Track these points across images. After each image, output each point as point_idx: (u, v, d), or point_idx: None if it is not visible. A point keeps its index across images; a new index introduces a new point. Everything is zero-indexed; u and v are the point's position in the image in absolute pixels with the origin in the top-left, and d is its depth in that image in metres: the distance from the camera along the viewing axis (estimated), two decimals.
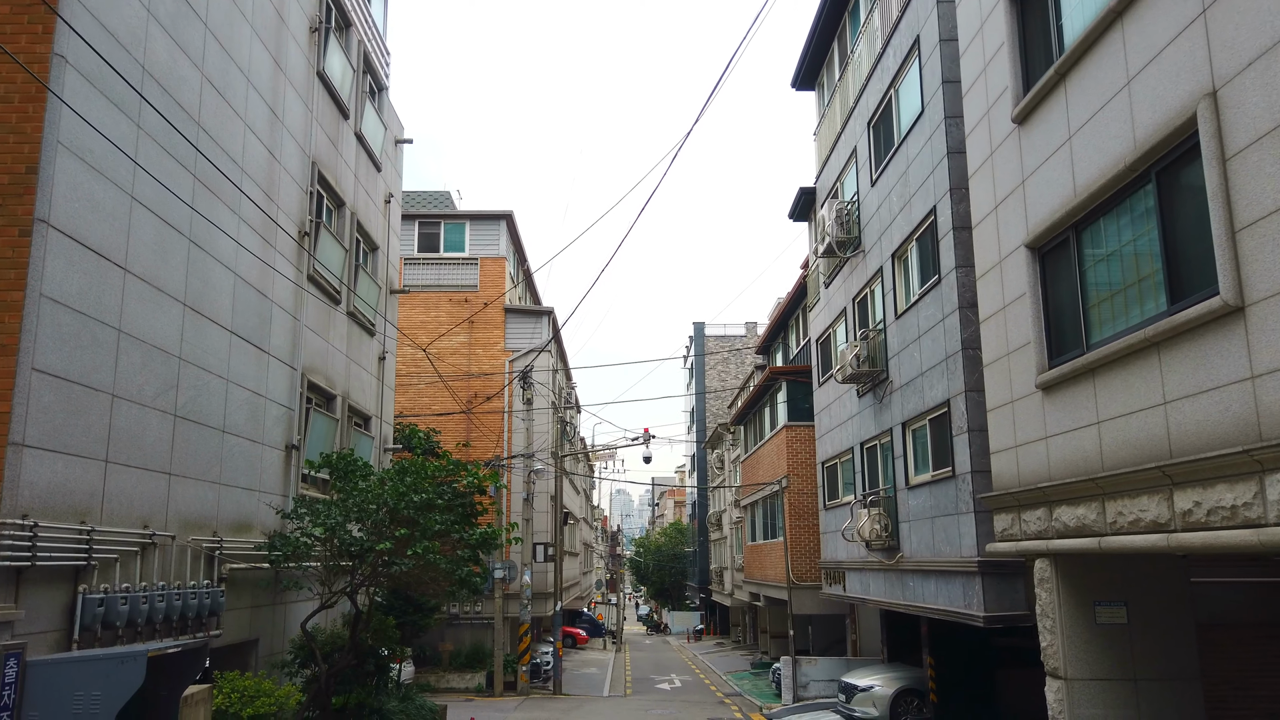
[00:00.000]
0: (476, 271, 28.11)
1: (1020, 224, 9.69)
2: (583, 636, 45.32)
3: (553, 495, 27.31)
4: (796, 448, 24.00)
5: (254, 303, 10.64)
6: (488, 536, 10.17)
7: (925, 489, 14.23)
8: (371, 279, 15.33)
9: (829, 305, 20.67)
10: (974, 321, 12.73)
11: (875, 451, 17.21)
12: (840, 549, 19.71)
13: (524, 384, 25.07)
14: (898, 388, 15.61)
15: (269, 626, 11.00)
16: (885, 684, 17.60)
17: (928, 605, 14.09)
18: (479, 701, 22.50)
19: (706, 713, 21.40)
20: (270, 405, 11.06)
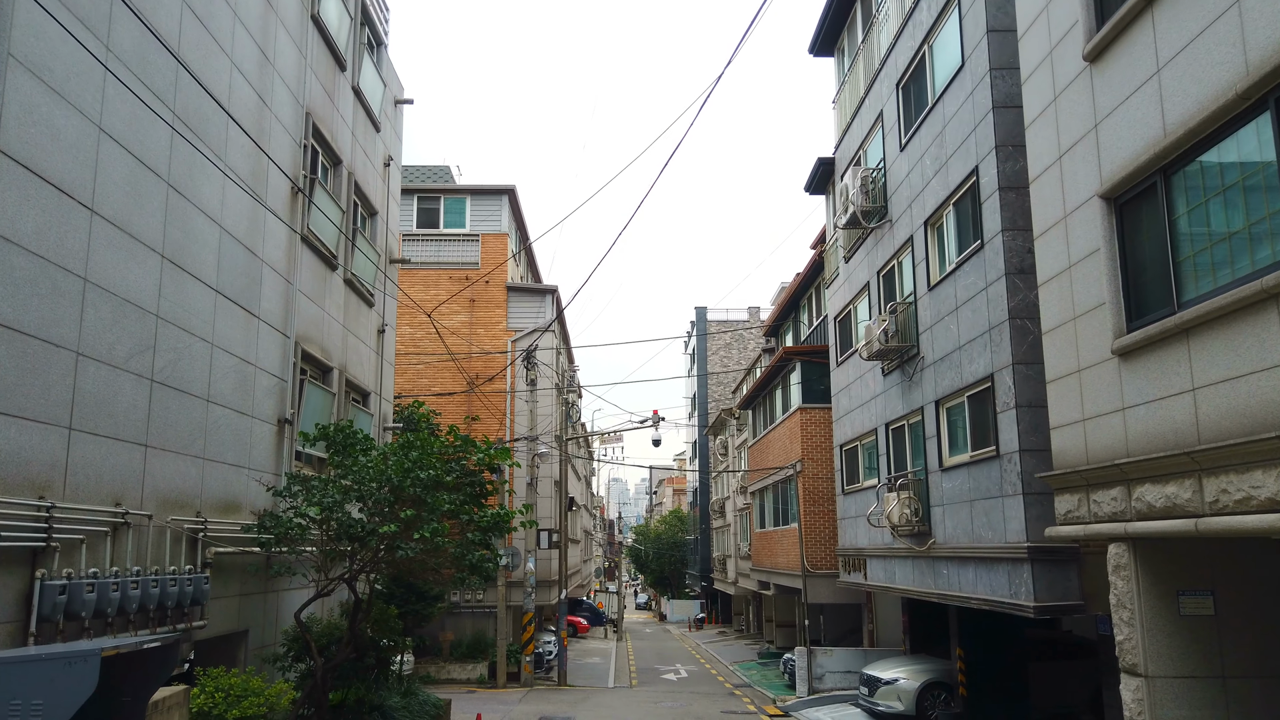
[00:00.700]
0: (478, 248, 27.10)
1: (1091, 173, 8.74)
2: (583, 625, 44.53)
3: (557, 480, 26.39)
4: (811, 431, 23.09)
5: (242, 261, 9.67)
6: (500, 518, 9.24)
7: (963, 471, 13.32)
8: (370, 245, 14.34)
9: (849, 280, 19.71)
10: (1023, 288, 11.81)
11: (903, 432, 16.29)
12: (861, 535, 18.83)
13: (528, 364, 24.11)
14: (930, 364, 14.68)
15: (260, 616, 10.07)
16: (911, 676, 16.75)
17: (965, 595, 13.21)
18: (481, 693, 21.64)
19: (717, 705, 20.56)
20: (260, 375, 10.10)
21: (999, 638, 15.63)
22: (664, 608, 67.43)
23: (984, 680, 15.59)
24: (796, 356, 23.57)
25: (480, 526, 9.27)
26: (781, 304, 29.54)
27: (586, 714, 18.36)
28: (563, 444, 25.19)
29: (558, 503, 26.15)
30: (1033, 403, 11.55)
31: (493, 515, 9.24)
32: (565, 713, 18.50)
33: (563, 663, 24.10)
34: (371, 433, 13.58)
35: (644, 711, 19.05)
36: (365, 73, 14.11)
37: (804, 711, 18.85)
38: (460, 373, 25.70)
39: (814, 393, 23.34)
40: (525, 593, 23.55)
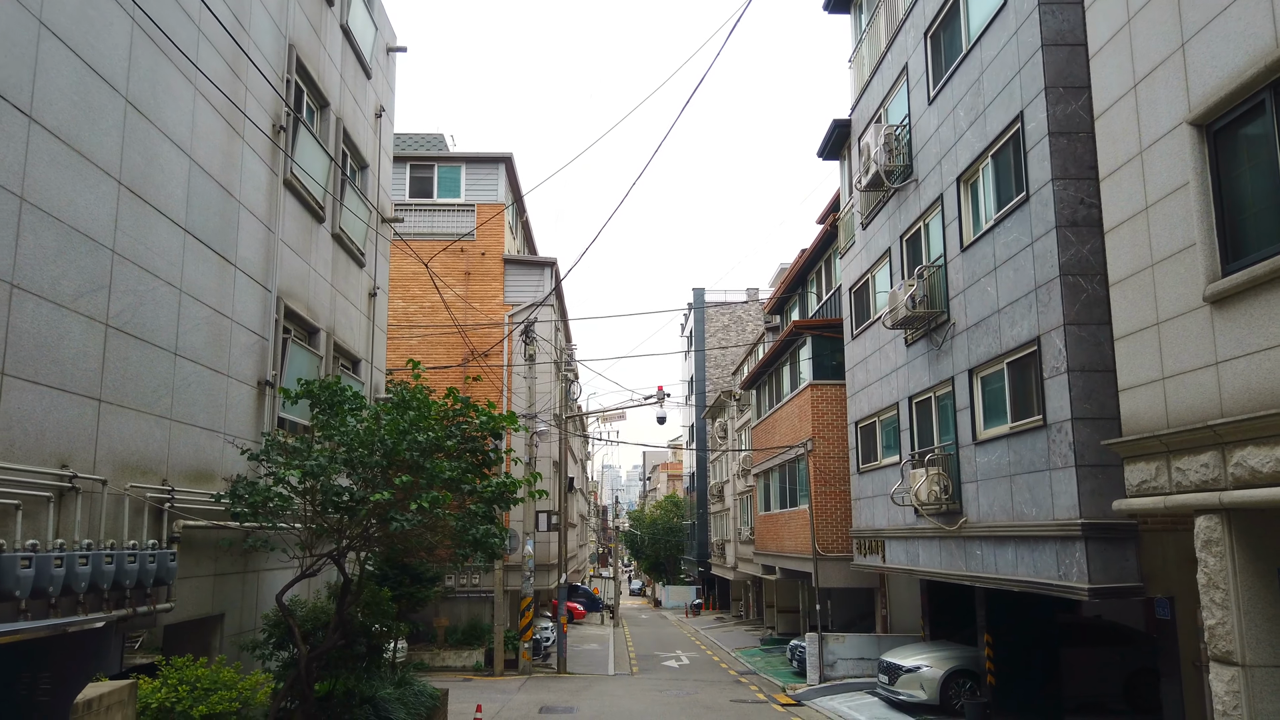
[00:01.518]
0: (473, 219, 25.97)
1: (1177, 98, 7.73)
2: (580, 611, 43.65)
3: (556, 460, 25.39)
4: (822, 408, 22.12)
5: (215, 200, 8.58)
6: (505, 488, 8.22)
7: (1001, 443, 12.36)
8: (361, 200, 13.26)
9: (867, 248, 18.70)
10: (1075, 242, 10.82)
11: (929, 405, 15.32)
12: (879, 516, 17.89)
13: (526, 339, 23.05)
14: (962, 330, 13.69)
15: (238, 598, 9.04)
16: (934, 664, 15.85)
17: (1003, 577, 12.26)
18: (478, 681, 20.69)
19: (725, 693, 19.66)
20: (238, 330, 9.03)
21: (1029, 623, 14.73)
22: (659, 594, 66.69)
23: (1013, 668, 14.69)
24: (807, 331, 22.57)
25: (484, 498, 8.25)
26: (787, 279, 28.54)
27: (589, 704, 17.43)
28: (562, 423, 24.16)
29: (557, 483, 25.15)
30: (1086, 367, 10.58)
31: (498, 484, 8.22)
32: (567, 703, 17.56)
33: (562, 650, 23.17)
34: (366, 415, 12.54)
35: (649, 701, 18.12)
36: (355, 11, 12.99)
37: (817, 701, 17.95)
38: (456, 348, 24.63)
39: (825, 369, 22.37)
40: (523, 577, 22.58)
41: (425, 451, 7.47)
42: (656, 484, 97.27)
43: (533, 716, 15.80)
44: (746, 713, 16.76)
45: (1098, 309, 10.70)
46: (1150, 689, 15.68)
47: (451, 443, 7.92)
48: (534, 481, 8.85)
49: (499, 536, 8.26)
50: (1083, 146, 11.06)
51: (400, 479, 7.19)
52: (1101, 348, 10.61)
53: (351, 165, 13.29)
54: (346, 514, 7.39)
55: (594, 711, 16.43)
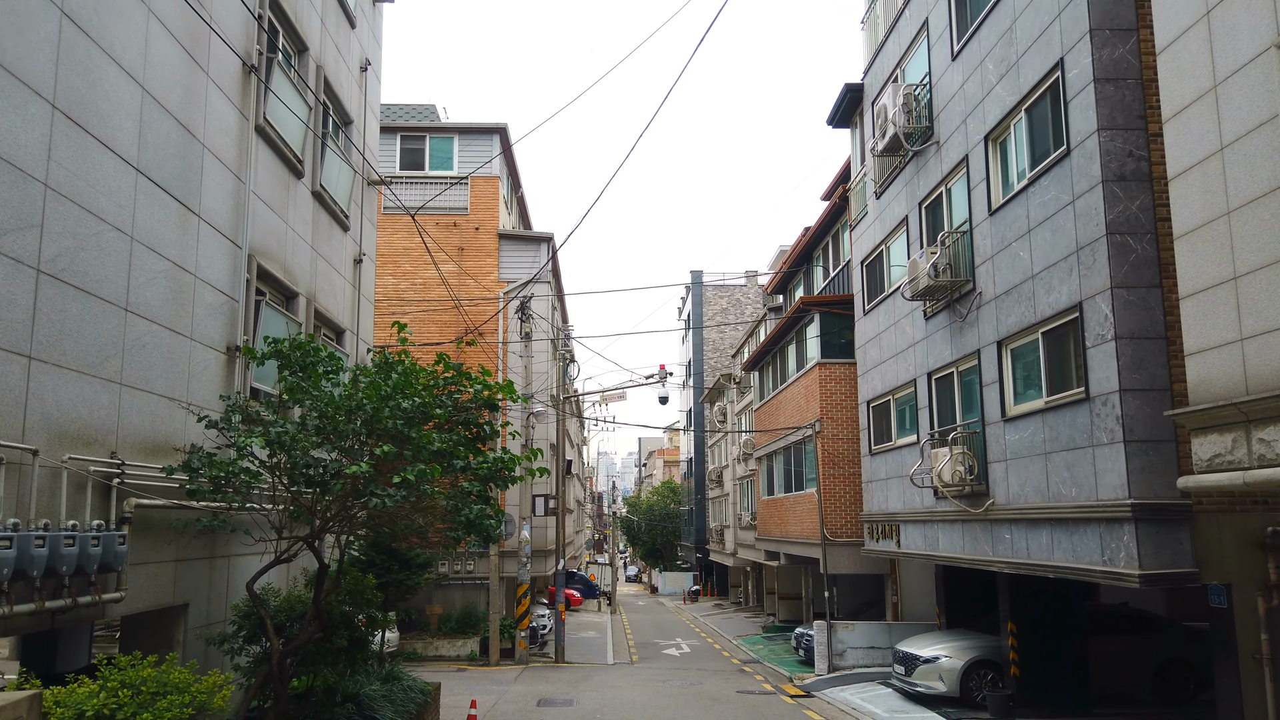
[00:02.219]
0: (466, 193, 24.97)
1: (1263, 20, 6.82)
2: (576, 598, 42.90)
3: (553, 443, 24.51)
4: (831, 388, 21.25)
5: (174, 139, 7.63)
6: (502, 464, 7.32)
7: (1035, 420, 11.49)
8: (344, 159, 12.29)
9: (882, 218, 17.78)
10: (1123, 198, 9.91)
11: (951, 381, 14.45)
12: (893, 498, 17.05)
13: (522, 316, 22.11)
14: (990, 300, 12.80)
15: (204, 587, 8.14)
16: (954, 654, 15.03)
17: (1036, 563, 11.42)
18: (473, 672, 19.85)
19: (730, 683, 18.86)
20: (202, 288, 8.10)
21: (1055, 611, 13.93)
22: (655, 580, 66.05)
23: (1038, 658, 13.89)
24: (815, 307, 21.67)
25: (478, 475, 7.34)
26: (791, 256, 27.60)
27: (590, 696, 16.60)
28: (560, 404, 23.26)
29: (554, 466, 24.27)
30: (1136, 333, 9.70)
31: (494, 460, 7.31)
32: (566, 694, 16.72)
33: (560, 638, 22.35)
34: (346, 378, 11.60)
35: (652, 692, 17.30)
36: None
37: (828, 692, 17.15)
38: (450, 325, 23.69)
39: (834, 347, 21.48)
40: (520, 563, 21.72)
41: (411, 420, 6.56)
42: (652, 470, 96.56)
43: (530, 710, 14.96)
44: (755, 705, 15.95)
45: (1148, 271, 9.82)
46: (1181, 680, 14.92)
47: (441, 412, 7.00)
48: (533, 458, 7.94)
49: (494, 518, 7.36)
50: (1131, 94, 10.15)
51: (382, 449, 6.27)
52: (1152, 312, 9.73)
53: (334, 119, 12.32)
54: (319, 490, 6.46)
55: (595, 704, 15.61)
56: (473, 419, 7.65)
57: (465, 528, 7.02)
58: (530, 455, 7.88)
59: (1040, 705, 13.83)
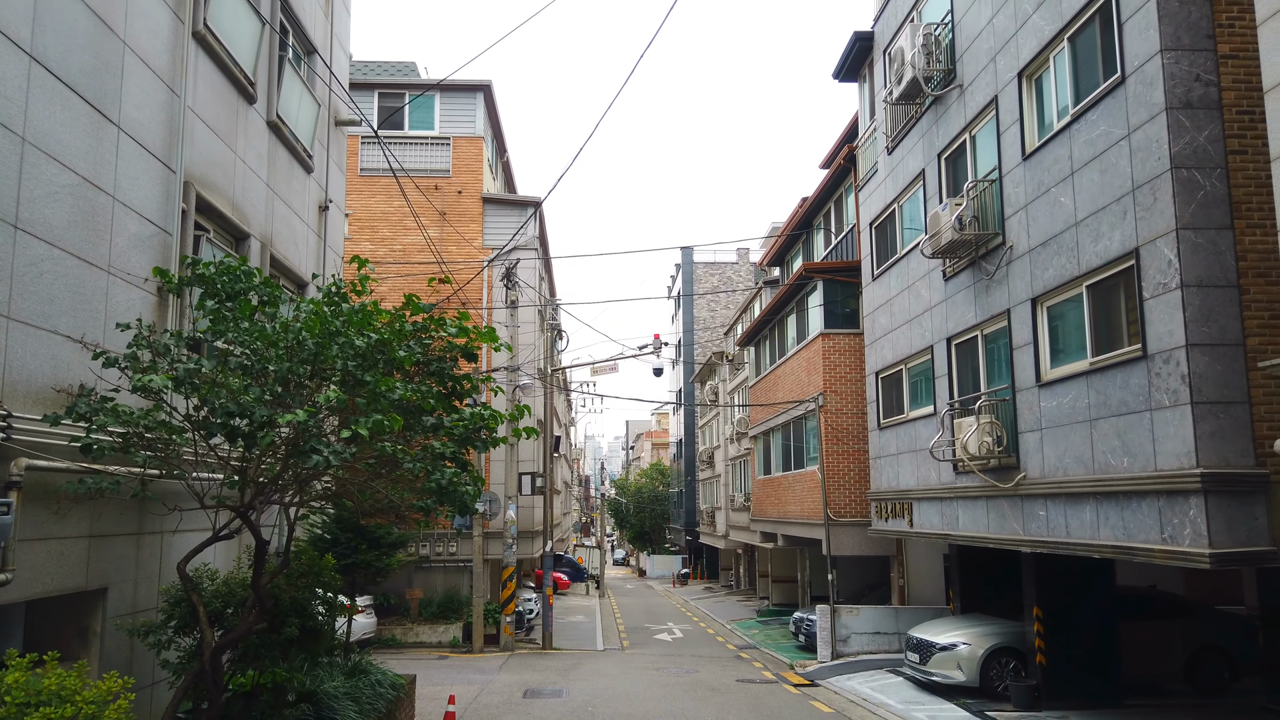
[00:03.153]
0: (449, 153, 23.59)
1: None
2: (564, 581, 41.86)
3: (541, 419, 23.28)
4: (835, 359, 20.09)
5: (83, 28, 6.31)
6: (481, 422, 6.09)
7: (1078, 383, 10.34)
8: (307, 90, 10.94)
9: (894, 174, 16.57)
10: (1190, 129, 8.72)
11: (973, 346, 13.29)
12: (905, 475, 15.94)
13: (507, 284, 20.81)
14: (1022, 254, 11.63)
15: (129, 569, 6.88)
16: (973, 641, 13.95)
17: (1075, 541, 10.30)
18: (455, 659, 18.69)
19: (728, 671, 17.78)
20: (124, 214, 6.80)
21: (1085, 595, 12.87)
22: (644, 563, 65.15)
23: (1065, 645, 12.83)
24: (818, 274, 20.47)
25: (453, 435, 6.11)
26: (789, 225, 26.35)
27: (580, 686, 15.46)
28: (547, 377, 22.01)
29: (542, 443, 23.06)
30: (1204, 281, 8.55)
31: (472, 416, 6.07)
32: (555, 684, 15.57)
33: (547, 623, 21.20)
34: (288, 311, 10.31)
35: (646, 681, 16.18)
36: None
37: (833, 681, 16.07)
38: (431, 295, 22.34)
39: (837, 316, 20.33)
40: (505, 544, 20.54)
41: (366, 361, 5.32)
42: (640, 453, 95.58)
43: (516, 703, 13.80)
44: (758, 695, 14.85)
45: (1217, 210, 8.66)
46: (1215, 668, 13.91)
47: (406, 354, 5.75)
48: (519, 416, 6.70)
49: (472, 485, 6.13)
50: (1197, 10, 8.96)
51: (327, 394, 5.01)
52: (1222, 257, 8.58)
53: (294, 46, 10.96)
54: (245, 443, 5.20)
55: (586, 695, 14.47)
56: (447, 370, 6.40)
57: (436, 496, 5.79)
58: (516, 412, 6.64)
59: (1067, 696, 12.78)
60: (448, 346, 6.46)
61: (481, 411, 6.18)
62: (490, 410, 6.21)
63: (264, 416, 4.90)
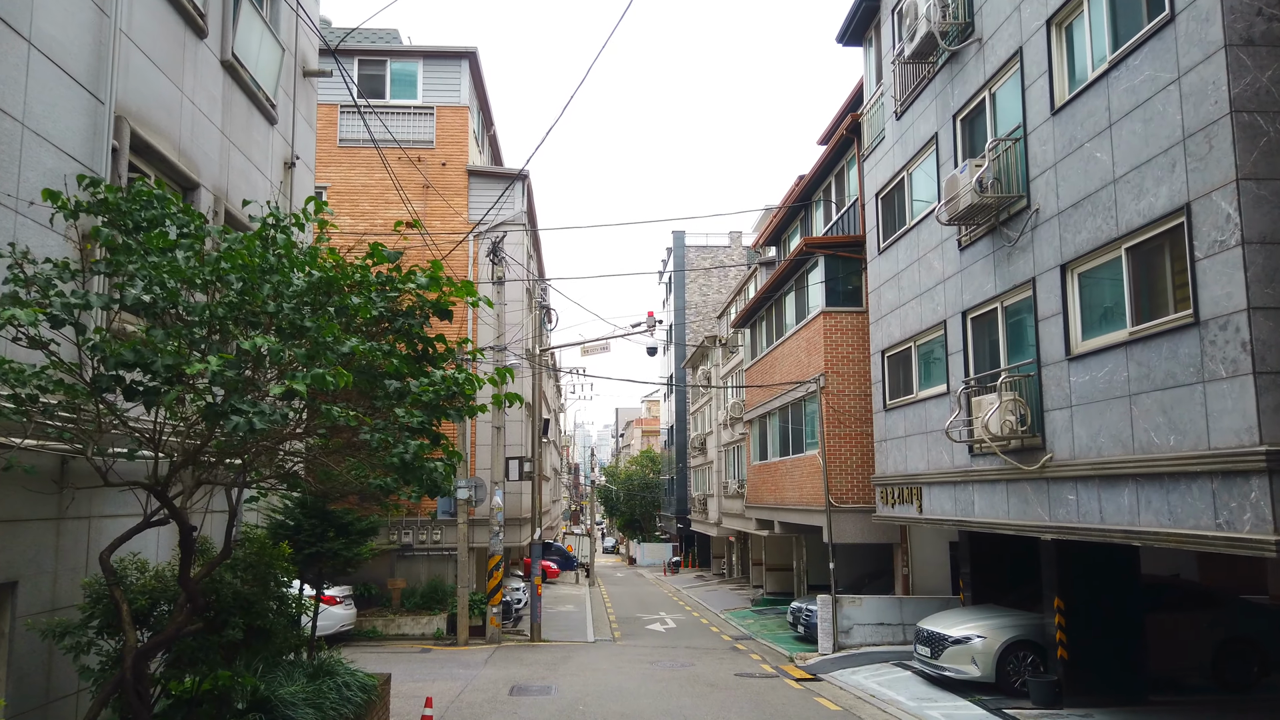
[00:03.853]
0: (432, 124, 22.52)
1: None
2: (553, 570, 41.04)
3: (529, 402, 22.31)
4: (836, 339, 19.21)
5: None
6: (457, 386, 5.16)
7: (1114, 355, 9.46)
8: (269, 31, 9.91)
9: (903, 140, 15.64)
10: (1251, 68, 7.82)
11: (992, 320, 12.42)
12: (914, 458, 15.08)
13: (494, 259, 19.82)
14: (1050, 216, 10.74)
15: (47, 559, 5.93)
16: (989, 634, 13.12)
17: (1111, 527, 9.45)
18: (438, 652, 17.78)
19: (725, 664, 16.94)
20: (37, 145, 5.80)
21: (1109, 584, 12.06)
22: (634, 551, 64.41)
23: (1088, 638, 12.01)
24: (819, 250, 19.55)
25: (421, 402, 5.16)
26: (788, 201, 25.39)
27: (570, 681, 14.58)
28: (536, 357, 21.05)
29: (529, 427, 22.11)
30: (1269, 237, 7.66)
31: (445, 381, 5.13)
32: (543, 680, 14.69)
33: (536, 614, 20.31)
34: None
35: (640, 675, 15.31)
36: None
37: (837, 675, 15.25)
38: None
39: (839, 294, 19.42)
40: (492, 532, 19.62)
41: (305, 305, 4.36)
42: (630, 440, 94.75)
43: (501, 700, 12.91)
44: (759, 691, 14.01)
45: None
46: (1243, 662, 13.12)
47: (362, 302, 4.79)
48: (502, 380, 5.76)
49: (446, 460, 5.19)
50: None
51: (252, 339, 4.03)
52: None
53: None
54: (145, 401, 4.23)
55: (576, 692, 13.59)
56: (415, 329, 5.45)
57: (399, 473, 4.85)
58: (499, 376, 5.70)
59: (1090, 692, 11.97)
60: (418, 302, 5.51)
61: (456, 375, 5.23)
62: (466, 373, 5.26)
63: (166, 367, 3.92)
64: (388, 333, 5.39)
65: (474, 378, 5.30)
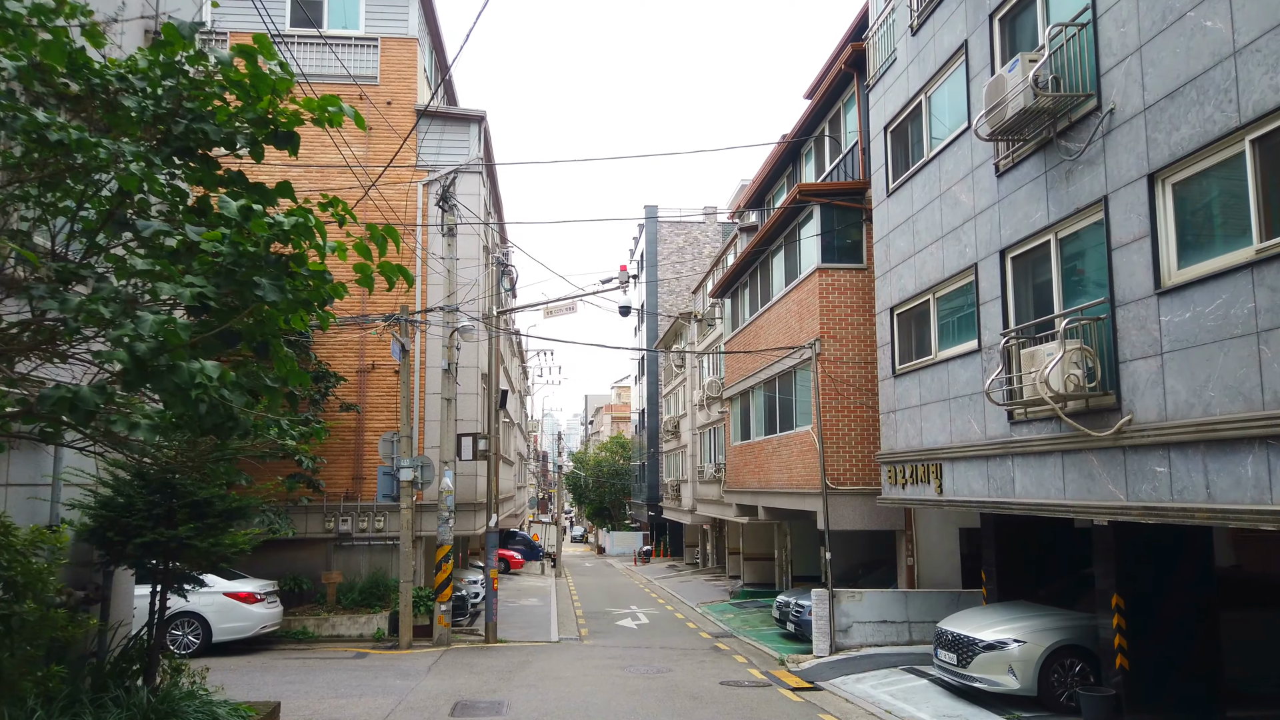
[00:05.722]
0: (376, 57, 19.88)
1: None
2: (517, 560, 38.61)
3: (485, 372, 19.84)
4: (833, 299, 16.95)
5: None
6: (275, 231, 2.78)
7: (1233, 282, 7.23)
8: None
9: (920, 59, 13.36)
10: None
11: (1042, 256, 10.18)
12: (933, 430, 12.86)
13: (443, 206, 17.29)
14: (1131, 116, 8.49)
15: None
16: (1029, 638, 10.94)
17: (1230, 507, 7.24)
18: (375, 657, 15.31)
19: (707, 669, 14.67)
20: None
21: (1175, 578, 9.94)
22: (603, 540, 62.19)
23: (1153, 642, 9.88)
24: (815, 198, 17.24)
25: (214, 263, 2.71)
26: (777, 154, 23.03)
27: (525, 695, 12.20)
28: (493, 320, 18.57)
29: (485, 400, 19.64)
30: None
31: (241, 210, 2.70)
32: (494, 692, 12.30)
33: (491, 613, 17.89)
34: None
35: (610, 686, 12.97)
36: None
37: (838, 682, 13.03)
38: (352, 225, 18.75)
39: (835, 250, 17.17)
40: (440, 519, 17.15)
41: None
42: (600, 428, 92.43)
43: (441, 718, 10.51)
44: (751, 706, 11.73)
45: None
46: None
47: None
48: (379, 239, 3.34)
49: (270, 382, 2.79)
50: None
51: None
52: None
53: None
54: None
55: (533, 710, 11.22)
56: (210, 134, 3.04)
57: (132, 378, 2.45)
58: (376, 237, 3.30)
59: (1154, 706, 9.85)
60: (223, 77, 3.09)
61: (281, 218, 2.80)
62: (304, 213, 2.85)
63: None
64: (165, 147, 2.95)
65: (319, 224, 2.89)
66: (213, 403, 2.64)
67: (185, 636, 14.83)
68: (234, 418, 2.72)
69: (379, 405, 19.08)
